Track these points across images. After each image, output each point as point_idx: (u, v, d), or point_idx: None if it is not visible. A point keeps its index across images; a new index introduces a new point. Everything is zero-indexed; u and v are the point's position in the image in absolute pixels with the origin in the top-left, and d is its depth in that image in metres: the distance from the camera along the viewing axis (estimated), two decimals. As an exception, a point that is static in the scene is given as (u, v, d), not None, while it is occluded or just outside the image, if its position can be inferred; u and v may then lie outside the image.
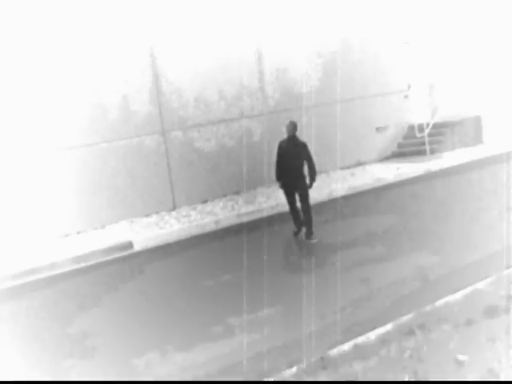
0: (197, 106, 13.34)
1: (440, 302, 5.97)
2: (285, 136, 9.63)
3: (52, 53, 11.60)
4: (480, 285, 6.37)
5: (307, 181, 9.54)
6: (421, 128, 16.23)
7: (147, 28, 12.68)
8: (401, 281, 7.22)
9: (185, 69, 13.14)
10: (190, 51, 13.16)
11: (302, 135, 10.81)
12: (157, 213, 12.81)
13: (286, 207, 11.67)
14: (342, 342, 5.50)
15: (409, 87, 17.02)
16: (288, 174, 9.61)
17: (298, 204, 9.84)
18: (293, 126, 9.53)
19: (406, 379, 4.29)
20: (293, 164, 9.48)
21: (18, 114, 11.38)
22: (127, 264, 10.13)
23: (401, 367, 4.46)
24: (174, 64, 13.02)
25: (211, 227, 11.60)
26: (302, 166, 9.48)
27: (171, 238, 11.20)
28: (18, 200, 11.43)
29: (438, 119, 16.44)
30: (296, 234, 10.01)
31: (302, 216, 9.84)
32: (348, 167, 15.50)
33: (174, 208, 13.11)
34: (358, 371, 4.61)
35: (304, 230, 9.88)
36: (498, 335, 4.78)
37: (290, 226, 10.56)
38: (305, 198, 9.62)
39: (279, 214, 11.91)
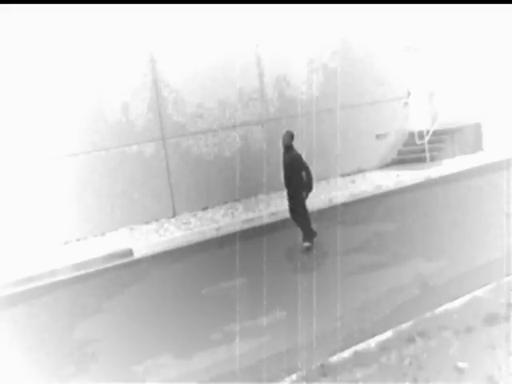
0: (197, 113, 13.37)
1: (440, 310, 5.96)
2: (282, 146, 9.61)
3: (54, 61, 11.65)
4: (480, 292, 6.36)
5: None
6: (421, 135, 16.25)
7: (147, 34, 12.72)
8: (400, 288, 7.21)
9: (185, 75, 13.17)
10: (189, 57, 13.20)
11: (303, 142, 10.81)
12: (157, 220, 12.81)
13: (285, 214, 11.71)
14: (342, 349, 5.48)
15: (409, 94, 17.05)
16: (290, 184, 9.62)
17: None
18: (289, 137, 9.48)
19: (406, 386, 4.29)
20: (291, 174, 9.49)
21: (19, 121, 11.41)
22: (127, 271, 10.13)
23: (401, 374, 4.46)
24: (173, 70, 13.06)
25: (211, 234, 11.59)
26: (298, 175, 9.46)
27: (171, 245, 11.19)
28: (18, 208, 11.43)
29: (437, 126, 16.46)
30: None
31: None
32: (348, 174, 15.50)
33: (173, 215, 13.12)
34: (358, 378, 4.60)
35: (315, 238, 9.82)
36: (497, 342, 4.77)
37: (289, 233, 10.56)
38: (300, 204, 9.60)
39: (278, 222, 11.92)
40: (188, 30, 13.16)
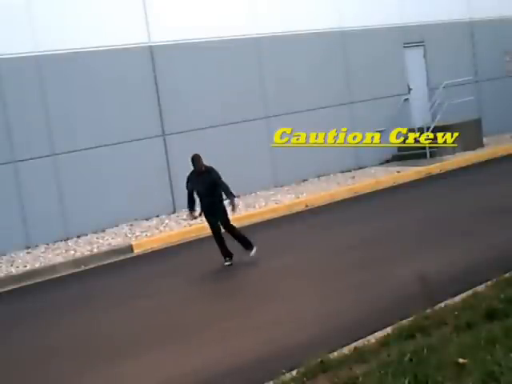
0: (197, 109, 13.32)
1: (440, 306, 5.96)
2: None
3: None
4: (480, 288, 6.36)
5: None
6: (421, 131, 16.20)
7: (148, 27, 12.74)
8: (400, 284, 7.21)
9: (185, 71, 13.15)
10: (190, 52, 13.18)
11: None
12: (157, 216, 12.77)
13: (286, 211, 11.78)
14: (342, 346, 5.49)
15: (409, 90, 17.04)
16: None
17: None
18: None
19: (406, 383, 4.28)
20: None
21: (20, 115, 11.42)
22: (127, 267, 10.15)
23: (401, 371, 4.46)
24: (174, 66, 13.03)
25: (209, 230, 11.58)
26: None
27: (171, 241, 11.20)
28: (18, 202, 11.42)
29: (437, 123, 16.40)
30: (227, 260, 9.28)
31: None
32: (349, 170, 15.44)
33: (174, 211, 13.08)
34: (357, 375, 4.60)
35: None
36: (498, 338, 4.77)
37: (290, 229, 10.60)
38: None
39: (279, 218, 11.93)
40: (189, 22, 13.16)
